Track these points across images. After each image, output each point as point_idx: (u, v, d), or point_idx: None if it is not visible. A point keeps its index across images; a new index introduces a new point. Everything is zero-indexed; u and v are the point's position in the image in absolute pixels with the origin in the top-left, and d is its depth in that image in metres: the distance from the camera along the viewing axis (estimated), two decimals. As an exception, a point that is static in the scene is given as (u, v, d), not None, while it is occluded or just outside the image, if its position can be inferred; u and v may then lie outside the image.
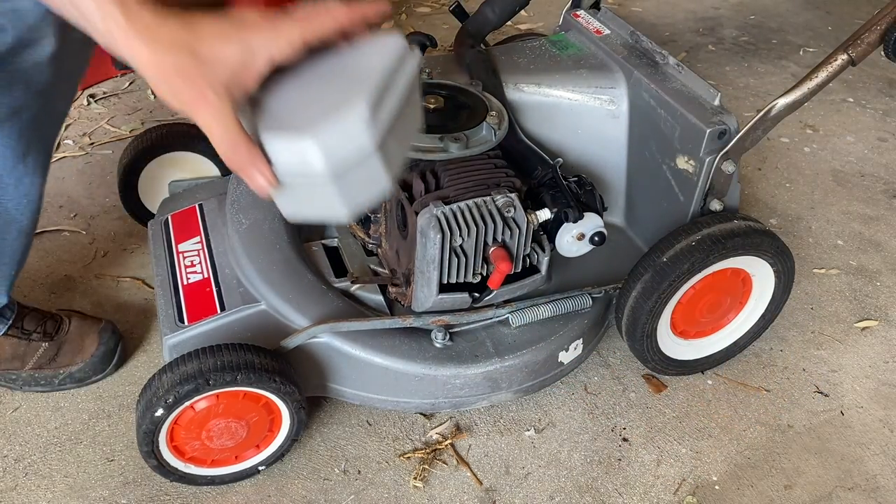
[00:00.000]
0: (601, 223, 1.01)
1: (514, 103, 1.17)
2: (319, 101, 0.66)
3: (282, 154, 0.65)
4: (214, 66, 0.63)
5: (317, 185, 0.66)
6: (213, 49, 0.63)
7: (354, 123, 0.63)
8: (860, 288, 1.42)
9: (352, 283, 1.09)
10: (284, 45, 0.65)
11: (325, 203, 0.68)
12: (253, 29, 0.65)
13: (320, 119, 0.63)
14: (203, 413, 0.94)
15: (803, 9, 2.57)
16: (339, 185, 0.66)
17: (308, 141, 0.63)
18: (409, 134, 0.74)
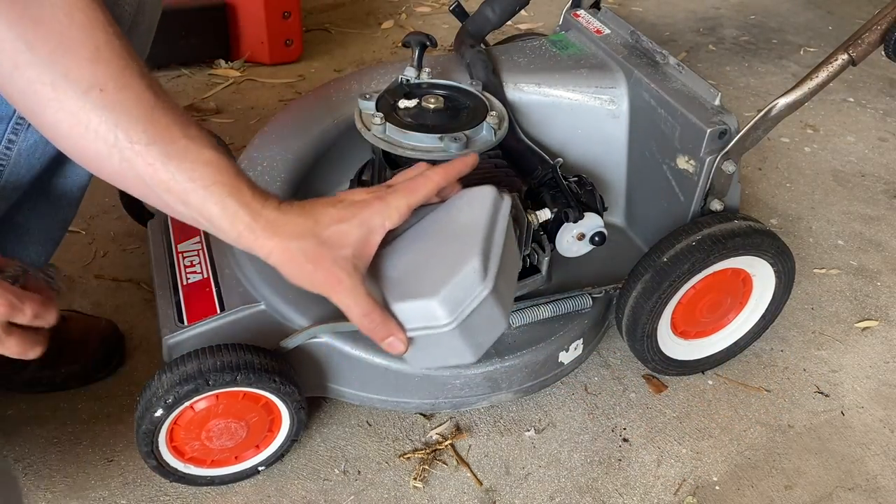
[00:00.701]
0: (601, 223, 1.01)
1: (514, 103, 1.17)
2: (435, 263, 0.75)
3: (412, 318, 0.74)
4: (339, 247, 0.71)
5: (444, 337, 0.74)
6: (335, 232, 0.71)
7: (472, 278, 0.73)
8: (861, 288, 1.41)
9: (352, 283, 1.09)
10: (394, 215, 0.74)
11: (452, 351, 0.76)
12: (364, 206, 0.73)
13: (440, 280, 0.72)
14: (203, 413, 0.94)
15: (804, 8, 2.57)
16: (465, 333, 0.74)
17: (435, 303, 0.72)
18: (514, 271, 0.83)
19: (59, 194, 0.96)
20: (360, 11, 2.39)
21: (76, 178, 0.96)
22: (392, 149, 0.98)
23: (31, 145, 0.86)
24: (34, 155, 0.87)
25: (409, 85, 1.08)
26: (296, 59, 2.05)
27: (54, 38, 0.62)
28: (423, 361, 0.80)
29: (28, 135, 0.85)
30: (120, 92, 0.64)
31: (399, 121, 1.00)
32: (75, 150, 0.66)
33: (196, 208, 0.68)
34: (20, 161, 0.87)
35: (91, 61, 0.63)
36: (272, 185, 1.14)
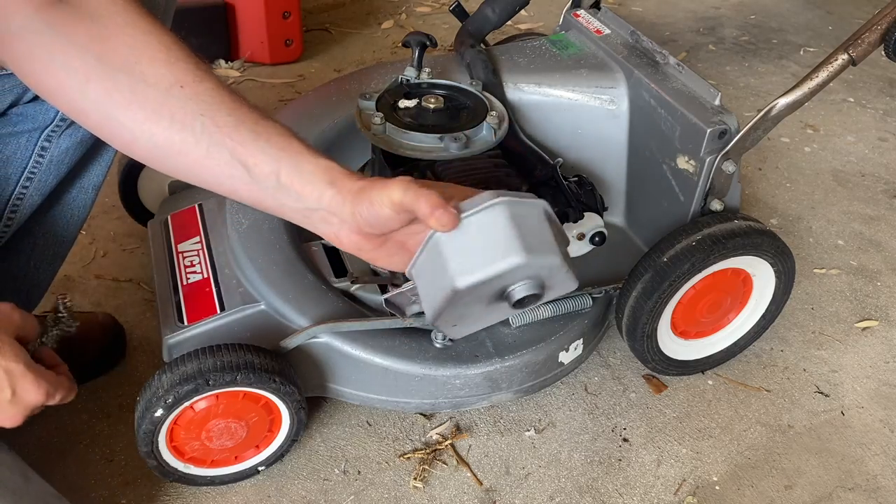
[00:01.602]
0: (601, 223, 1.01)
1: (514, 103, 1.17)
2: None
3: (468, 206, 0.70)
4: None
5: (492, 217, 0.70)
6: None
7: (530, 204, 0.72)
8: (861, 288, 1.41)
9: (352, 283, 1.09)
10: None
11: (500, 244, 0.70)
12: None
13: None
14: (203, 413, 0.94)
15: (804, 8, 2.57)
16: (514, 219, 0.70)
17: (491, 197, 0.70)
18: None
19: (70, 202, 0.98)
20: (360, 11, 2.39)
21: (89, 184, 0.98)
22: (392, 149, 0.99)
23: (62, 152, 0.89)
24: (63, 161, 0.90)
25: (409, 85, 1.08)
26: (296, 59, 2.05)
27: (125, 48, 0.66)
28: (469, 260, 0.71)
29: (60, 142, 0.87)
30: (198, 84, 0.68)
31: (399, 121, 1.00)
32: (159, 145, 0.68)
33: (287, 177, 0.69)
34: (51, 168, 0.89)
35: (167, 63, 0.67)
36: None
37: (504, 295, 0.71)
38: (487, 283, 0.69)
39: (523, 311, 1.08)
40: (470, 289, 0.68)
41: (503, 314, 0.77)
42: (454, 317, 0.74)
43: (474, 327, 0.79)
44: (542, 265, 0.70)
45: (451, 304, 0.70)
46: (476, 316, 0.76)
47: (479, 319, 0.77)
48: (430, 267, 0.71)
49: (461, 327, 0.78)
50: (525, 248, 0.68)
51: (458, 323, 0.76)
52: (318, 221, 0.72)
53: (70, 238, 1.01)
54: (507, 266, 0.68)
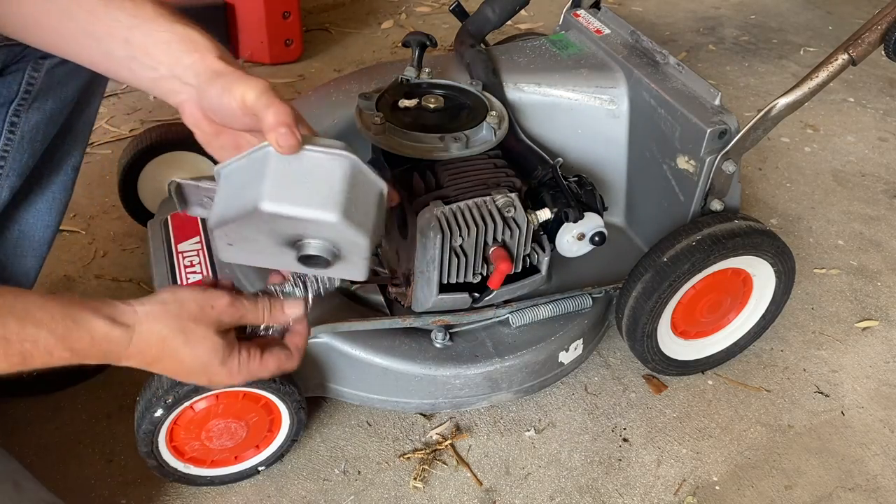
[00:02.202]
0: (601, 223, 1.01)
1: (515, 103, 1.17)
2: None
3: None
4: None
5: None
6: None
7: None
8: (861, 288, 1.41)
9: (352, 283, 1.09)
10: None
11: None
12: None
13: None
14: (202, 413, 0.94)
15: (804, 8, 2.57)
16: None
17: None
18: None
19: (51, 185, 0.97)
20: (360, 11, 2.39)
21: (67, 164, 0.97)
22: (392, 149, 0.98)
23: (33, 128, 0.87)
24: (36, 139, 0.89)
25: (409, 85, 1.08)
26: (296, 59, 2.05)
27: None
28: (287, 191, 0.67)
29: (29, 116, 0.86)
30: None
31: (399, 120, 1.00)
32: (23, 13, 0.69)
33: (140, 46, 0.69)
34: (24, 145, 0.88)
35: None
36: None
37: (296, 244, 0.69)
38: (290, 222, 0.66)
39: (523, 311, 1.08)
40: (272, 216, 0.65)
41: (284, 263, 0.74)
42: (237, 236, 0.70)
43: (248, 260, 0.75)
44: (349, 237, 0.68)
45: (244, 220, 0.67)
46: (258, 249, 0.72)
47: (259, 255, 0.73)
48: (244, 176, 0.68)
49: (236, 251, 0.73)
50: (345, 211, 0.66)
51: (235, 244, 0.71)
52: (169, 91, 0.71)
53: (55, 222, 1.01)
54: (320, 217, 0.65)
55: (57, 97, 0.87)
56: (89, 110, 0.95)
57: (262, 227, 0.67)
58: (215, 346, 0.73)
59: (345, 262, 0.72)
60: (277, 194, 0.65)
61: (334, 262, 0.71)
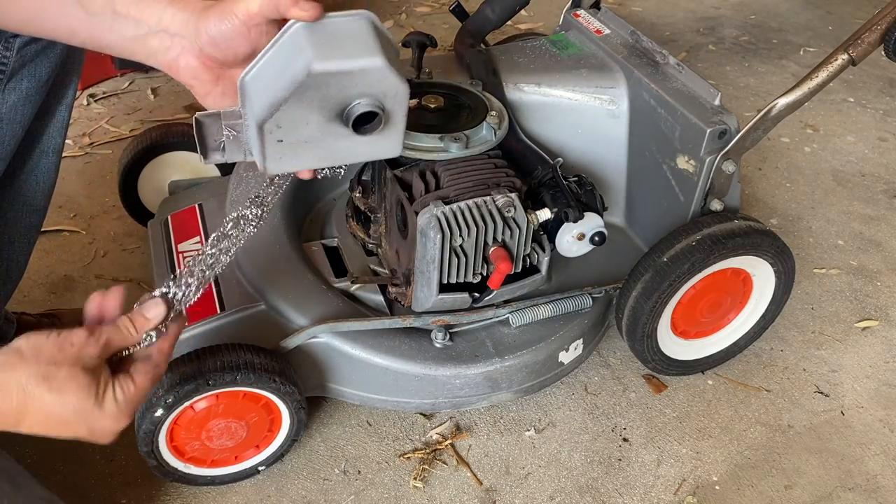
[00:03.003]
0: (601, 223, 1.01)
1: (515, 103, 1.17)
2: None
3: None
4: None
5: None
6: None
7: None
8: (860, 288, 1.41)
9: (352, 283, 1.09)
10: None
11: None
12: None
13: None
14: (203, 413, 0.94)
15: (804, 8, 2.57)
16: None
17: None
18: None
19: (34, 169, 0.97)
20: (360, 11, 2.39)
21: (49, 146, 0.97)
22: (392, 149, 0.98)
23: (11, 108, 0.87)
24: (15, 119, 0.88)
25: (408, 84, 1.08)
26: (296, 59, 2.05)
27: None
28: (330, 51, 0.68)
29: (6, 97, 0.86)
30: None
31: (399, 121, 1.00)
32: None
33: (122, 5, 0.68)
34: (3, 127, 0.87)
35: None
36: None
37: (344, 113, 0.69)
38: (341, 80, 0.67)
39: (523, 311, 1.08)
40: (324, 77, 0.66)
41: (336, 150, 0.72)
42: (288, 122, 0.69)
43: (297, 162, 0.73)
44: (393, 84, 0.69)
45: (296, 95, 0.66)
46: (308, 137, 0.70)
47: (309, 148, 0.71)
48: (278, 62, 0.68)
49: (285, 151, 0.71)
50: (386, 57, 0.67)
51: (286, 138, 0.70)
52: (157, 49, 0.69)
53: (41, 207, 1.00)
54: (367, 65, 0.67)
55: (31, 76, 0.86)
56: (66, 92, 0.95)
57: (313, 99, 0.68)
58: (85, 385, 0.65)
59: (388, 127, 0.72)
60: (324, 54, 0.66)
61: (384, 123, 0.71)
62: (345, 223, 1.18)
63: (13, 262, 1.00)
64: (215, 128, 0.73)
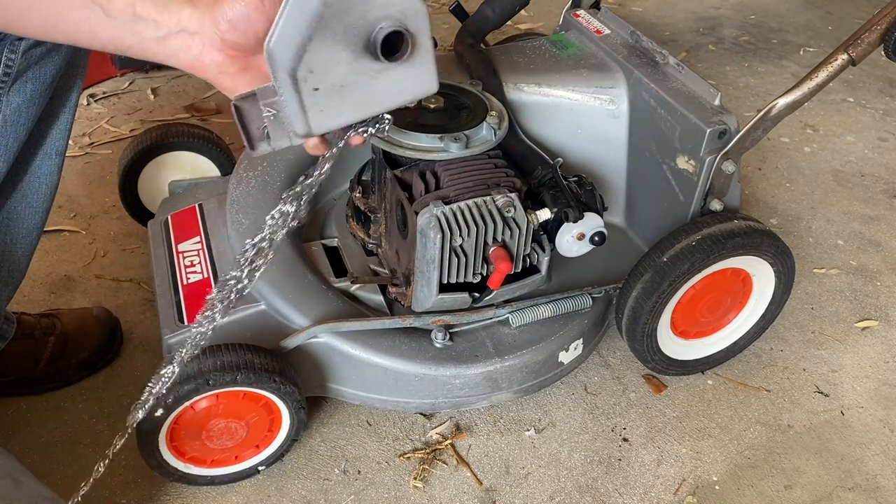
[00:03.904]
0: (601, 223, 1.01)
1: (514, 103, 1.17)
2: None
3: None
4: None
5: None
6: None
7: None
8: (860, 288, 1.41)
9: (352, 283, 1.09)
10: None
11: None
12: None
13: None
14: (203, 413, 0.94)
15: (803, 8, 2.57)
16: None
17: None
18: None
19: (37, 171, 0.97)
20: (360, 11, 2.39)
21: (52, 149, 0.97)
22: (392, 148, 0.99)
23: (15, 111, 0.87)
24: (19, 122, 0.89)
25: (409, 85, 1.08)
26: (296, 59, 2.05)
27: None
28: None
29: (10, 99, 0.86)
30: None
31: (399, 120, 1.00)
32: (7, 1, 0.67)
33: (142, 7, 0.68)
34: (7, 129, 0.88)
35: None
36: (272, 185, 1.15)
37: (371, 42, 0.67)
38: (357, 2, 0.65)
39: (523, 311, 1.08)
40: (341, 1, 0.64)
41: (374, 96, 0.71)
42: (318, 64, 0.67)
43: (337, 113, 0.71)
44: (410, 2, 0.67)
45: (318, 34, 0.65)
46: (342, 79, 0.68)
47: (346, 91, 0.69)
48: (295, 15, 0.65)
49: (325, 103, 0.69)
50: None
51: (321, 86, 0.68)
52: (179, 48, 0.70)
53: (44, 208, 1.00)
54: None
55: (36, 79, 0.87)
56: (70, 94, 0.95)
57: (337, 31, 0.66)
58: None
59: (417, 54, 0.70)
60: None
61: (411, 48, 0.69)
62: (345, 223, 1.18)
63: (15, 264, 1.00)
64: (255, 112, 0.72)
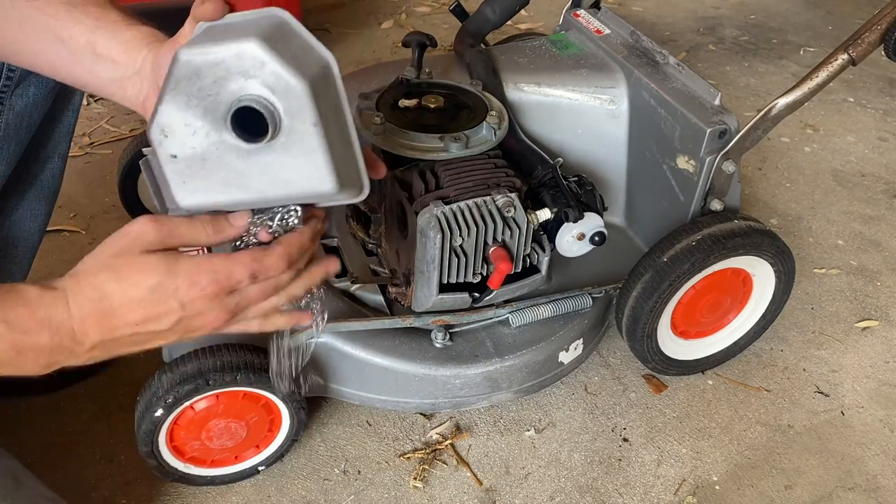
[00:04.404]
0: (601, 223, 1.01)
1: (515, 103, 1.17)
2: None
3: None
4: None
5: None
6: None
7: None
8: (860, 288, 1.41)
9: (352, 283, 1.09)
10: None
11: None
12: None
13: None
14: (203, 413, 0.94)
15: (804, 8, 2.57)
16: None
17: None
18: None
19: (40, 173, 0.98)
20: (361, 11, 2.39)
21: (57, 149, 0.98)
22: (392, 148, 0.98)
23: (18, 115, 0.88)
24: (22, 126, 0.89)
25: (409, 84, 1.08)
26: (296, 59, 2.05)
27: None
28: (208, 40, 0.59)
29: (13, 103, 0.86)
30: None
31: (399, 120, 1.00)
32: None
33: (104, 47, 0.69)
34: (10, 132, 0.88)
35: None
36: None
37: (227, 115, 0.58)
38: (213, 67, 0.57)
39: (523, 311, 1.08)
40: (194, 63, 0.57)
41: (245, 178, 0.61)
42: (173, 133, 0.59)
43: (209, 189, 0.62)
44: (277, 74, 0.57)
45: (169, 93, 0.58)
46: (203, 151, 0.60)
47: (209, 165, 0.61)
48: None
49: (186, 174, 0.62)
50: (265, 39, 0.56)
51: (179, 154, 0.60)
52: (131, 90, 0.70)
53: (46, 211, 1.01)
54: (240, 49, 0.56)
55: (39, 83, 0.87)
56: (73, 98, 0.96)
57: (190, 95, 0.58)
58: (148, 261, 0.62)
59: (293, 139, 0.59)
60: (194, 43, 0.59)
61: (279, 129, 0.59)
62: (345, 223, 1.18)
63: (17, 265, 1.00)
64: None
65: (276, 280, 0.66)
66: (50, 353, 0.61)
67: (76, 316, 0.61)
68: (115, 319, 0.62)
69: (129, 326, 0.62)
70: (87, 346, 0.62)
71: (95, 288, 0.62)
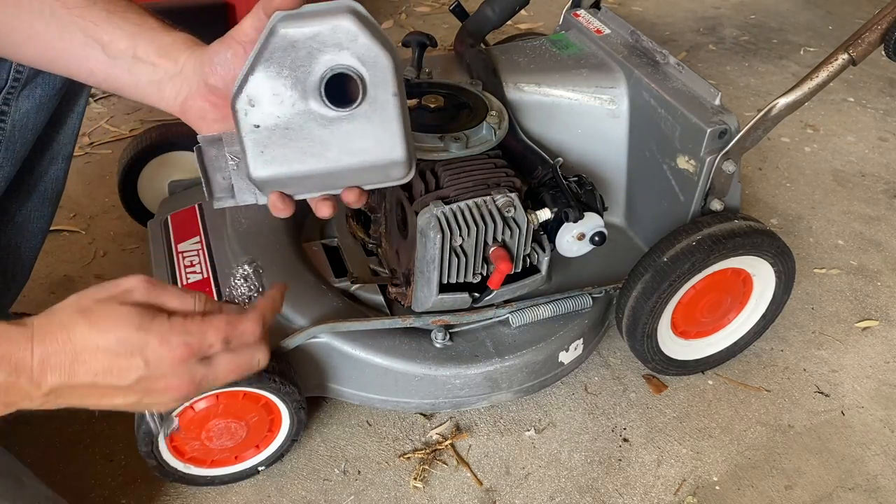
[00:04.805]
0: (601, 223, 1.01)
1: (515, 103, 1.17)
2: None
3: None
4: None
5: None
6: None
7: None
8: (861, 288, 1.41)
9: (352, 283, 1.09)
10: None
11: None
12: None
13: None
14: (203, 413, 0.94)
15: (804, 8, 2.57)
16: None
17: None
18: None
19: (43, 175, 0.98)
20: (360, 11, 2.39)
21: (59, 153, 0.98)
22: (392, 149, 0.98)
23: (23, 115, 0.88)
24: (27, 126, 0.89)
25: (408, 84, 1.08)
26: (296, 59, 2.05)
27: None
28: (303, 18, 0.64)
29: (19, 104, 0.87)
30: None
31: (399, 120, 1.00)
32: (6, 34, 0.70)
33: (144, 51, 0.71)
34: (15, 133, 0.88)
35: None
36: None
37: (321, 85, 0.64)
38: (309, 39, 0.62)
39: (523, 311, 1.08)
40: (290, 36, 0.62)
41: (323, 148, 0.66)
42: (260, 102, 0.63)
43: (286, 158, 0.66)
44: (369, 48, 0.63)
45: (262, 63, 0.62)
46: (287, 121, 0.65)
47: (291, 135, 0.65)
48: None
49: (266, 144, 0.65)
50: (357, 15, 0.62)
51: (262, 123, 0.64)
52: (169, 92, 0.72)
53: (49, 212, 1.01)
54: (336, 24, 0.62)
55: (46, 84, 0.87)
56: (79, 100, 0.96)
57: (283, 65, 0.63)
58: (123, 312, 0.61)
59: (375, 108, 0.65)
60: (291, 19, 0.62)
61: (365, 97, 0.65)
62: (345, 223, 1.18)
63: (19, 266, 1.00)
64: (221, 159, 0.71)
65: (250, 354, 0.67)
66: (6, 393, 0.59)
67: (37, 355, 0.59)
68: (76, 364, 0.60)
69: (88, 375, 0.60)
70: (45, 389, 0.60)
71: (64, 328, 0.60)
